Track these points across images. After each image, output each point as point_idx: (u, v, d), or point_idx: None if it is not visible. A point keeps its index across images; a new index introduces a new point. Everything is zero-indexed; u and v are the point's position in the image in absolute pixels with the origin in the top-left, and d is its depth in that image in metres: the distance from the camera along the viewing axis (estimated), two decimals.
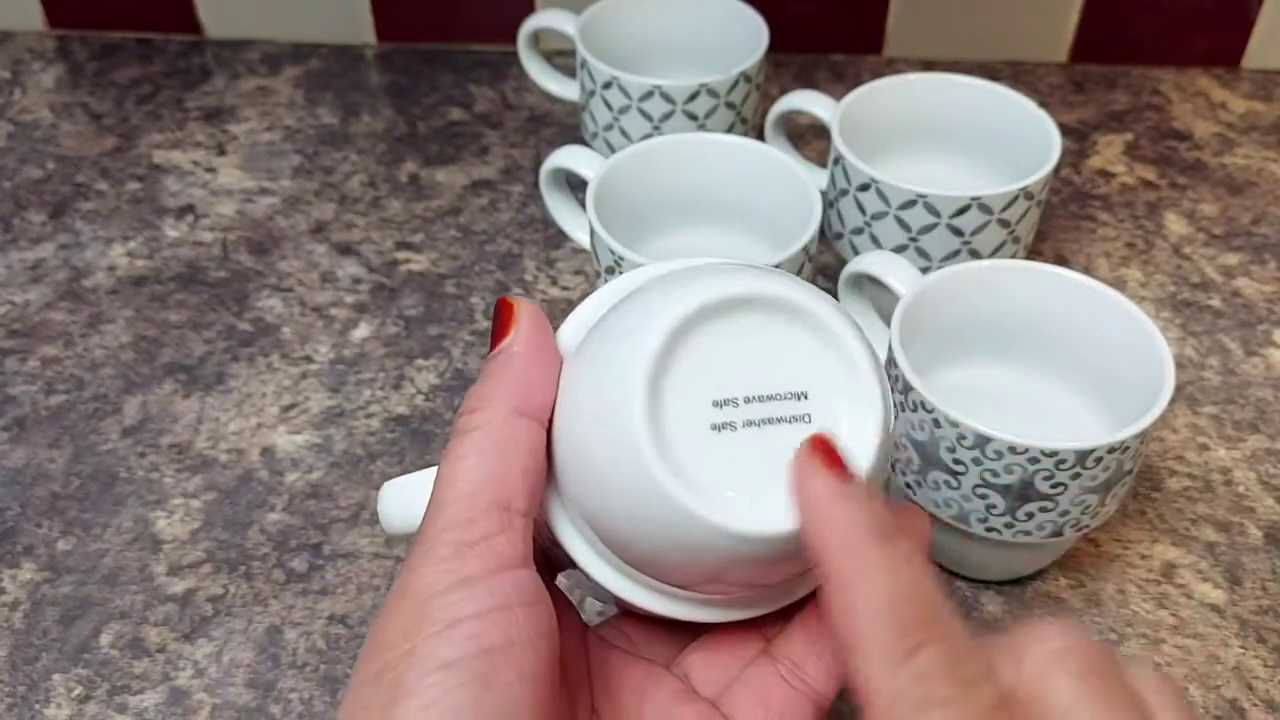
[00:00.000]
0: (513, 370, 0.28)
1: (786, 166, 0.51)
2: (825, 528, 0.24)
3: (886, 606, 0.23)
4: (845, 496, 0.25)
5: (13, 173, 0.65)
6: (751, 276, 0.27)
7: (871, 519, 0.24)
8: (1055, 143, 0.52)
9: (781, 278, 0.28)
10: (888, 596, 0.23)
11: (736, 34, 0.62)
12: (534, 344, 0.29)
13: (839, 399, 0.27)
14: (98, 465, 0.50)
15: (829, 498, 0.25)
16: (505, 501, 0.27)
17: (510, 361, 0.28)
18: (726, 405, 0.27)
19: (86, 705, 0.42)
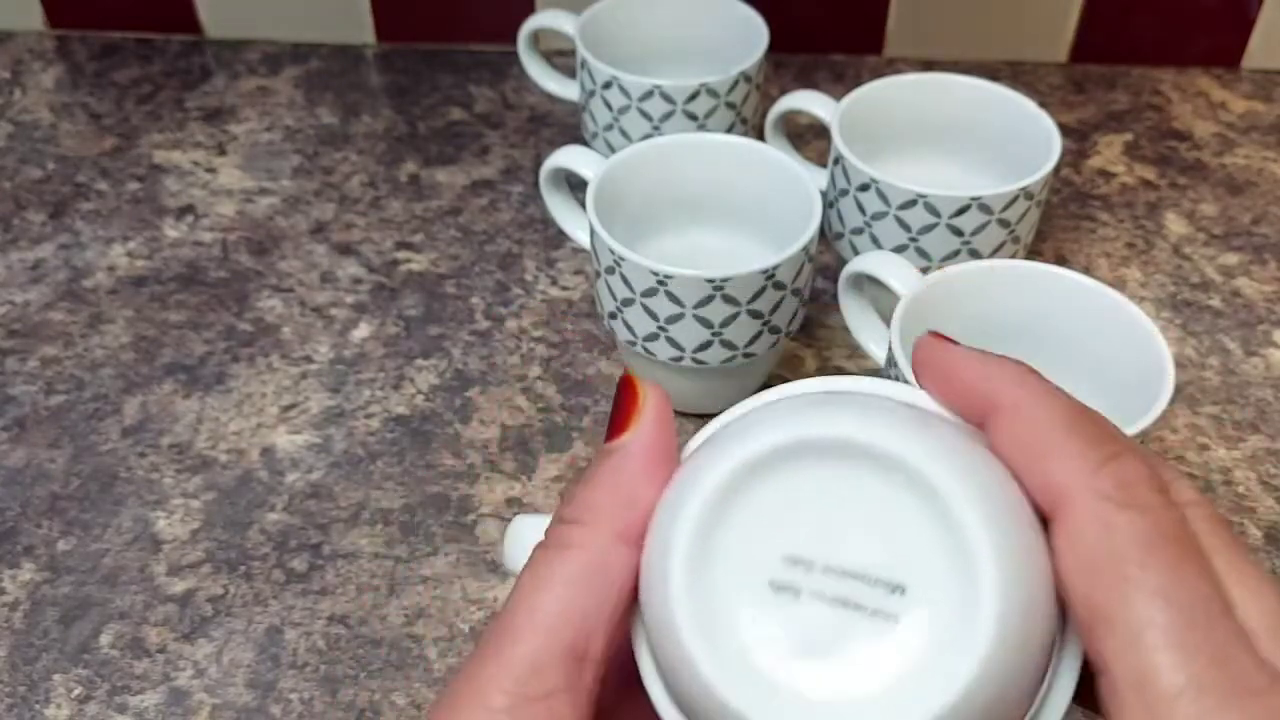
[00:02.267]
0: (625, 478, 0.25)
1: (786, 166, 0.51)
2: (981, 371, 0.25)
3: (1075, 419, 0.23)
4: (982, 354, 0.25)
5: (13, 173, 0.65)
6: (888, 424, 0.23)
7: (1016, 361, 0.25)
8: (1055, 143, 0.52)
9: (942, 441, 0.23)
10: (1073, 411, 0.23)
11: (736, 34, 0.62)
12: (654, 447, 0.25)
13: (940, 613, 0.22)
14: (98, 465, 0.50)
15: (968, 354, 0.25)
16: (582, 648, 0.24)
17: (625, 465, 0.25)
18: (799, 566, 0.23)
19: (86, 705, 0.42)
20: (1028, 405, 0.24)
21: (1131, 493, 0.22)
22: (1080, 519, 0.22)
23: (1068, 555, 0.22)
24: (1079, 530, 0.22)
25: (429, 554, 0.47)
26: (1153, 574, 0.21)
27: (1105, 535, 0.22)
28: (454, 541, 0.47)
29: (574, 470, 0.49)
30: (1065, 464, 0.23)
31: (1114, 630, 0.22)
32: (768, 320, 0.48)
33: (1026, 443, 0.23)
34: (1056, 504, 0.23)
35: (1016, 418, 0.24)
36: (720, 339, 0.48)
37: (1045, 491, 0.23)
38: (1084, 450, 0.23)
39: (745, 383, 0.52)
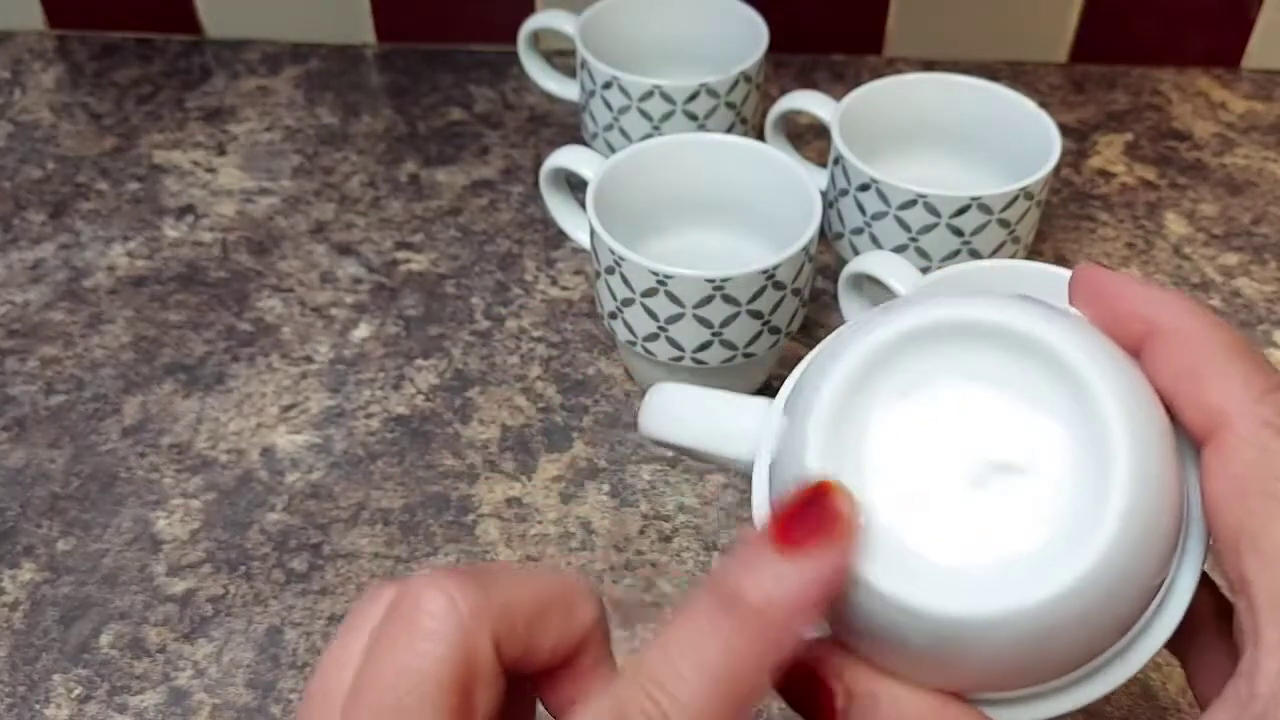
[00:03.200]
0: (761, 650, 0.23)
1: (786, 166, 0.51)
2: (1144, 295, 0.25)
3: (1239, 348, 0.24)
4: (1144, 280, 0.25)
5: (13, 173, 0.65)
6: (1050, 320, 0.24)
7: (1179, 291, 0.25)
8: (1055, 143, 0.52)
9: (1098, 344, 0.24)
10: (1237, 340, 0.24)
11: (736, 34, 0.62)
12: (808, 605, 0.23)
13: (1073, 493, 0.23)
14: (98, 465, 0.50)
15: (1130, 279, 0.25)
16: None
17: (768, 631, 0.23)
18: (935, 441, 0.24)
19: (86, 705, 0.42)
20: (1191, 329, 0.24)
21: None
22: (1239, 440, 0.23)
23: (1219, 475, 0.23)
24: (1236, 451, 0.23)
25: (429, 554, 0.47)
26: None
27: (1262, 458, 0.22)
28: (454, 542, 0.47)
29: (573, 470, 0.49)
30: (1227, 387, 0.23)
31: (1260, 548, 0.22)
32: (768, 320, 0.48)
33: (1187, 365, 0.24)
34: (1214, 425, 0.23)
35: (1178, 340, 0.24)
36: (720, 339, 0.48)
37: (1203, 413, 0.23)
38: (1248, 377, 0.23)
39: (745, 383, 0.52)
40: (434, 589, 0.23)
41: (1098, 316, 0.26)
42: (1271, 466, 0.22)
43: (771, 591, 0.22)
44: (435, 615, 0.23)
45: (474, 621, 0.23)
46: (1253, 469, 0.22)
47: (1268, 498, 0.22)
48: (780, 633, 0.22)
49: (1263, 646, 0.22)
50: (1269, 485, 0.22)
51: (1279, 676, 0.21)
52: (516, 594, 0.25)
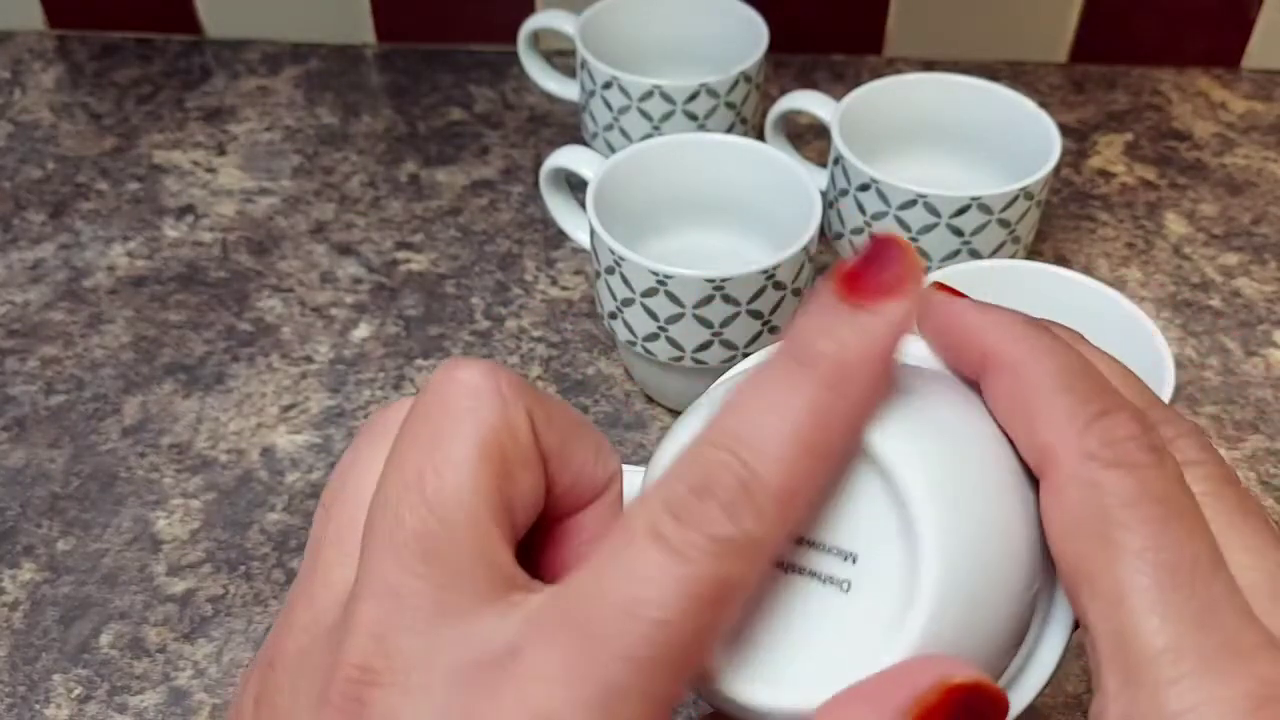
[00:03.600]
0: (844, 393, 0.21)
1: (786, 166, 0.51)
2: (978, 324, 0.24)
3: (1070, 376, 0.23)
4: (983, 306, 0.24)
5: (13, 173, 0.65)
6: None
7: (1019, 315, 0.24)
8: (1055, 143, 0.52)
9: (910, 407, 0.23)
10: (1064, 368, 0.23)
11: (736, 34, 0.62)
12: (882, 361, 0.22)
13: (887, 582, 0.22)
14: (98, 465, 0.50)
15: (969, 306, 0.24)
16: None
17: (852, 384, 0.21)
18: None
19: (86, 705, 0.42)
20: (1023, 361, 0.23)
21: (1119, 450, 0.22)
22: (1064, 478, 0.22)
23: (1052, 516, 0.22)
24: (1063, 490, 0.22)
25: None
26: (1136, 534, 0.21)
27: (1089, 495, 0.21)
28: None
29: None
30: (1052, 421, 0.22)
31: (1096, 591, 0.21)
32: (768, 320, 0.48)
33: (1018, 399, 0.23)
34: (1043, 463, 0.22)
35: (1011, 374, 0.23)
36: (720, 339, 0.48)
37: (1033, 451, 0.23)
38: (1073, 408, 0.22)
39: None
40: (468, 364, 0.23)
41: (939, 345, 0.25)
42: (1098, 504, 0.21)
43: (851, 343, 0.21)
44: (469, 385, 0.22)
45: (510, 395, 0.22)
46: (1081, 507, 0.21)
47: (1099, 538, 0.21)
48: (863, 385, 0.21)
49: (1106, 693, 0.21)
50: (1097, 526, 0.21)
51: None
52: (554, 399, 0.24)
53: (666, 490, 0.20)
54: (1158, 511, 0.21)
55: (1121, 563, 0.21)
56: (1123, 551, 0.21)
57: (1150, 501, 0.21)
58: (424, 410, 0.22)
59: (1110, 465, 0.21)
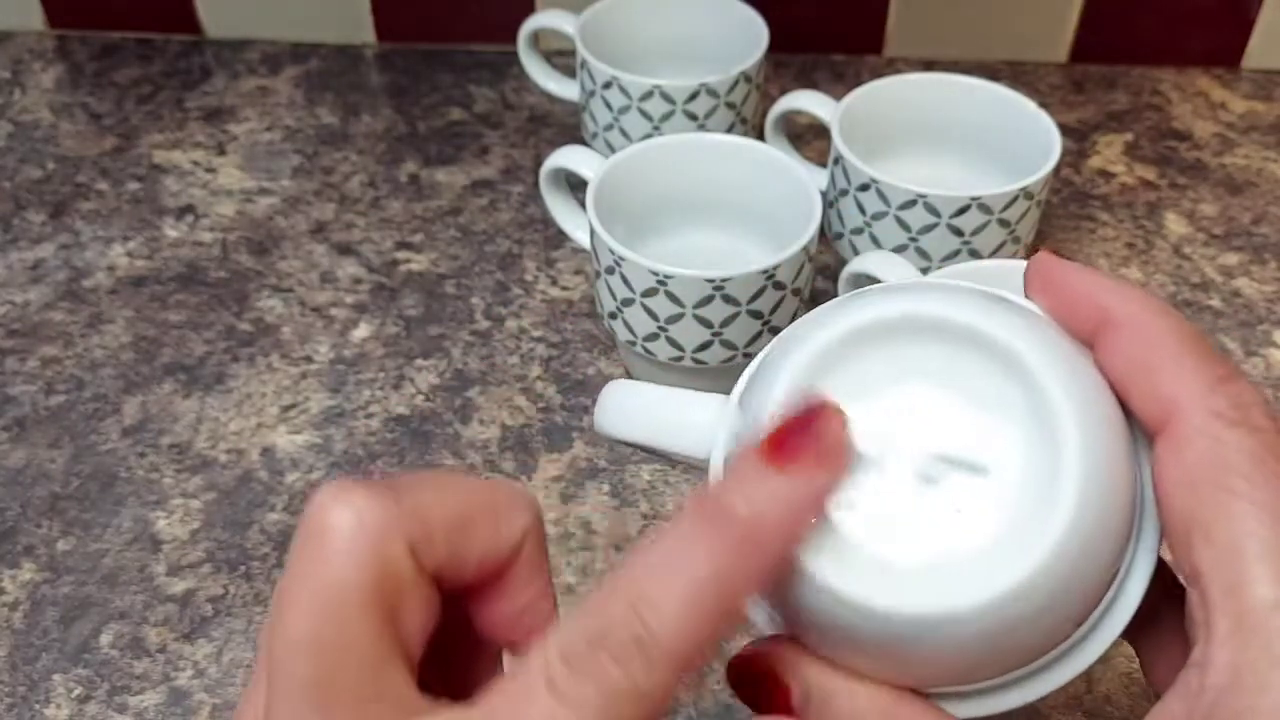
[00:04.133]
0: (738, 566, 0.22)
1: (786, 166, 0.51)
2: (1095, 284, 0.25)
3: (1192, 338, 0.24)
4: (1094, 270, 0.25)
5: (13, 173, 0.65)
6: (996, 314, 0.24)
7: (1130, 280, 0.26)
8: (1055, 143, 0.52)
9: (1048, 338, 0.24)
10: (1190, 331, 0.24)
11: (736, 34, 0.62)
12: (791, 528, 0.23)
13: (1020, 493, 0.23)
14: (98, 465, 0.50)
15: (1082, 269, 0.25)
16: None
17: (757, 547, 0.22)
18: (888, 440, 0.24)
19: (86, 705, 0.42)
20: (1144, 320, 0.24)
21: (1245, 413, 0.23)
22: (1190, 431, 0.23)
23: (1171, 466, 0.23)
24: (1187, 441, 0.23)
25: None
26: (1259, 489, 0.22)
27: (1214, 448, 0.22)
28: None
29: (573, 470, 0.49)
30: (1180, 378, 0.23)
31: (1212, 540, 0.22)
32: (768, 320, 0.48)
33: (1140, 356, 0.24)
34: (1166, 416, 0.23)
35: (1131, 331, 0.24)
36: (720, 339, 0.48)
37: (1155, 404, 0.23)
38: (1199, 368, 0.23)
39: None
40: (338, 504, 0.23)
41: (1052, 307, 0.26)
42: (1222, 457, 0.22)
43: (762, 507, 0.22)
44: (342, 532, 0.22)
45: (385, 532, 0.22)
46: (1204, 460, 0.22)
47: (1219, 489, 0.22)
48: (769, 550, 0.22)
49: (1215, 638, 0.22)
50: (1220, 476, 0.22)
51: (1229, 668, 0.21)
52: (433, 501, 0.24)
53: (564, 637, 0.21)
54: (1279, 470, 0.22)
55: (1243, 513, 0.22)
56: (1245, 502, 0.22)
57: (1274, 460, 0.22)
58: (301, 560, 0.23)
59: (1236, 425, 0.23)
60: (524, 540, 0.25)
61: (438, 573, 0.24)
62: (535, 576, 0.25)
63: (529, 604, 0.25)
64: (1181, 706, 0.22)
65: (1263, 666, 0.21)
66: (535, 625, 0.25)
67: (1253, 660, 0.21)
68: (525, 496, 0.26)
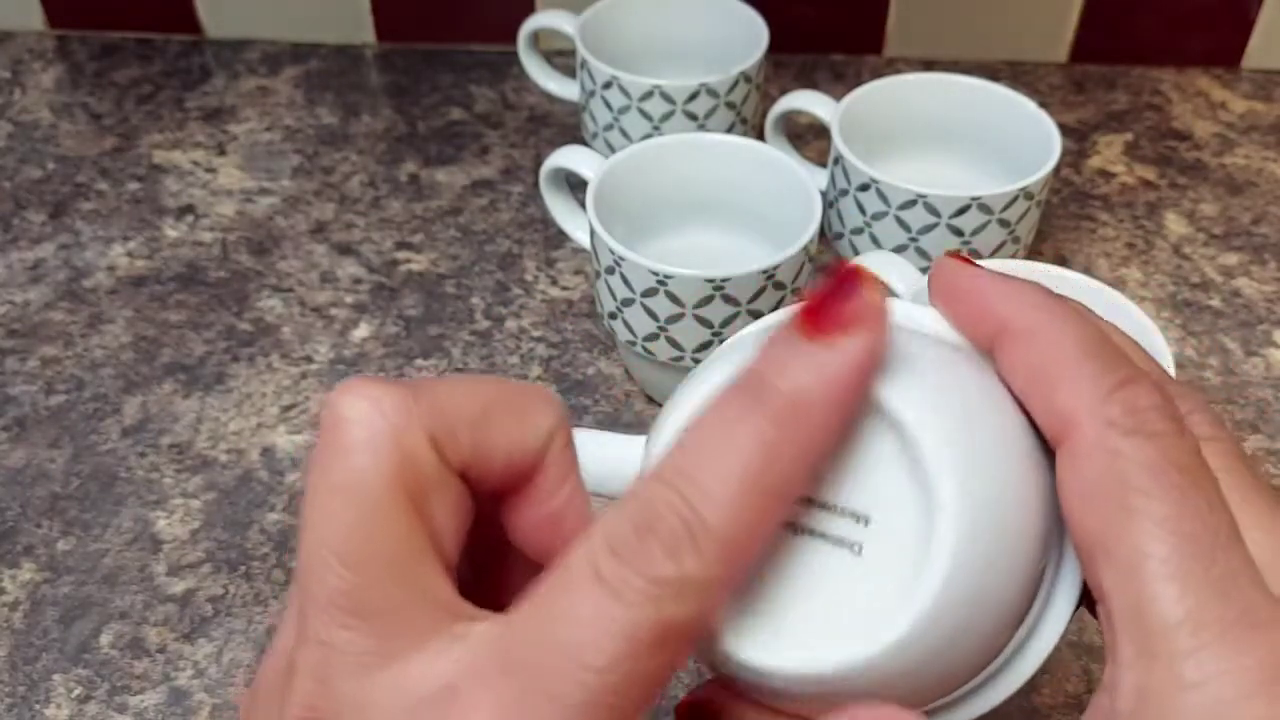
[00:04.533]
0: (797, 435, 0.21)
1: (786, 166, 0.51)
2: (995, 292, 0.24)
3: (1090, 344, 0.23)
4: (998, 276, 0.24)
5: (13, 173, 0.65)
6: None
7: (1035, 284, 0.24)
8: (1055, 143, 0.52)
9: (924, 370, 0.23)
10: (1089, 336, 0.23)
11: (736, 34, 0.62)
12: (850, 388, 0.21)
13: (901, 545, 0.22)
14: (98, 465, 0.50)
15: (984, 275, 0.24)
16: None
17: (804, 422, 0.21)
18: None
19: (86, 705, 0.42)
20: (1041, 329, 0.23)
21: (1141, 419, 0.21)
22: (1085, 444, 0.22)
23: (1070, 482, 0.22)
24: (1083, 456, 0.22)
25: None
26: (1156, 502, 0.21)
27: (1109, 462, 0.21)
28: None
29: None
30: (1074, 389, 0.22)
31: (1113, 559, 0.21)
32: None
33: (1036, 368, 0.23)
34: (1062, 430, 0.22)
35: (1027, 341, 0.23)
36: (720, 339, 0.48)
37: (1052, 418, 0.22)
38: (1095, 376, 0.22)
39: None
40: (352, 396, 0.22)
41: (954, 316, 0.25)
42: (1119, 471, 0.21)
43: (803, 380, 0.21)
44: (359, 423, 0.21)
45: (404, 422, 0.22)
46: (1101, 475, 0.21)
47: (1118, 506, 0.21)
48: (817, 424, 0.21)
49: (1120, 662, 0.21)
50: (1117, 492, 0.21)
51: (1134, 692, 0.20)
52: (453, 394, 0.23)
53: (610, 526, 0.20)
54: (1179, 480, 0.21)
55: (1141, 530, 0.21)
56: (1143, 519, 0.21)
57: (1172, 470, 0.21)
58: (321, 460, 0.22)
59: (1132, 433, 0.21)
60: (550, 439, 0.24)
61: (464, 469, 0.23)
62: (565, 479, 0.24)
63: (560, 508, 0.24)
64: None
65: (1169, 691, 0.20)
66: (569, 531, 0.24)
67: (1158, 685, 0.20)
68: (548, 396, 0.24)
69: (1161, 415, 0.22)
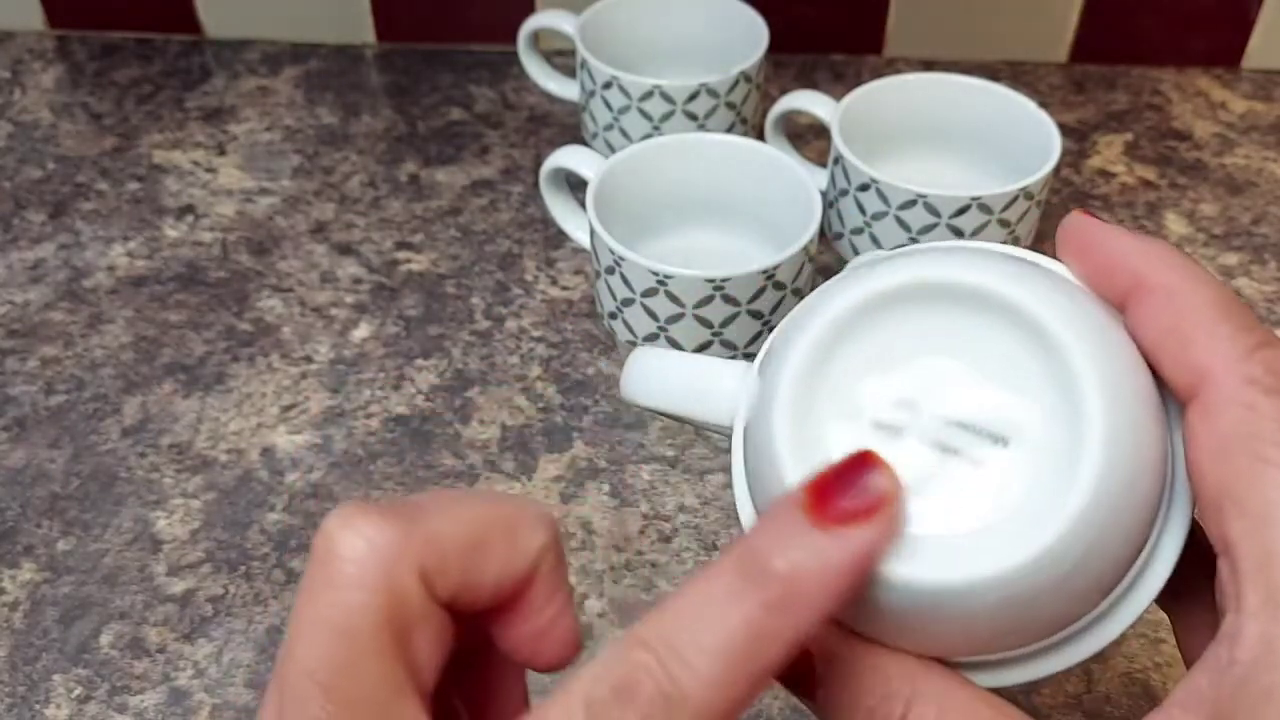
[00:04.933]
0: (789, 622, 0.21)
1: (786, 166, 0.51)
2: (1129, 248, 0.24)
3: (1228, 304, 0.23)
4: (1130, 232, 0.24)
5: (13, 173, 0.65)
6: (1020, 279, 0.23)
7: (1167, 243, 0.24)
8: (1055, 143, 0.52)
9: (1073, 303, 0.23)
10: (1226, 296, 0.23)
11: (736, 34, 0.62)
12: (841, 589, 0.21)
13: (1041, 462, 0.23)
14: (98, 465, 0.50)
15: (1117, 231, 0.24)
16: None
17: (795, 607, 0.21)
18: (906, 408, 0.23)
19: (86, 705, 0.42)
20: (1179, 285, 0.23)
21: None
22: (1223, 398, 0.22)
23: (1203, 434, 0.22)
24: (1220, 409, 0.22)
25: None
26: None
27: (1247, 416, 0.22)
28: None
29: (573, 470, 0.49)
30: (1214, 345, 0.22)
31: (1244, 509, 0.21)
32: (768, 320, 0.48)
33: (1171, 322, 0.23)
34: (1199, 383, 0.22)
35: (1165, 297, 0.23)
36: (720, 339, 0.48)
37: (1187, 371, 0.23)
38: (1234, 334, 0.22)
39: None
40: (348, 531, 0.22)
41: (1084, 270, 0.25)
42: (1256, 425, 0.22)
43: (802, 565, 0.20)
44: (352, 560, 0.22)
45: (396, 560, 0.22)
46: (1237, 428, 0.22)
47: (1252, 457, 0.21)
48: (809, 611, 0.21)
49: (1245, 610, 0.21)
50: (1254, 445, 0.21)
51: (1260, 641, 0.21)
52: (445, 525, 0.23)
53: (589, 687, 0.20)
54: None
55: (1275, 482, 0.21)
56: (1278, 471, 0.21)
57: None
58: (312, 590, 0.22)
59: (1271, 391, 0.22)
60: (540, 558, 0.24)
61: (452, 598, 0.23)
62: (554, 595, 0.24)
63: (549, 623, 0.24)
64: (1208, 680, 0.22)
65: None
66: (556, 645, 0.25)
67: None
68: (541, 513, 0.24)
69: None
